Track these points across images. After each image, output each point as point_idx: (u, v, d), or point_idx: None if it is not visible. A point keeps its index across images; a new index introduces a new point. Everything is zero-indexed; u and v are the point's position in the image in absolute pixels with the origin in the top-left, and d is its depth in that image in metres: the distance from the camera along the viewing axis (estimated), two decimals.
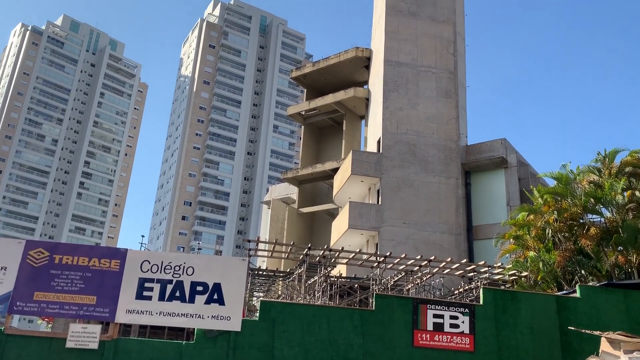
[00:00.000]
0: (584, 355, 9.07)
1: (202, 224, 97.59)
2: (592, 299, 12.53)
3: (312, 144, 39.21)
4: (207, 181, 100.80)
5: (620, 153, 18.99)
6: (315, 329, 11.21)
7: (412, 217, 27.10)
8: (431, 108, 29.61)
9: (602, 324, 11.58)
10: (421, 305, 11.84)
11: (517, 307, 12.14)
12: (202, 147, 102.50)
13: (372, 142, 31.07)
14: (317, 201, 37.42)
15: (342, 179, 29.96)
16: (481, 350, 11.60)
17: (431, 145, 28.82)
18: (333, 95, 35.27)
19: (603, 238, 16.69)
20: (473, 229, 28.23)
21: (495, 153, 28.62)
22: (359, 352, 11.19)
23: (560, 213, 17.69)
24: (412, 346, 11.42)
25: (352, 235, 27.34)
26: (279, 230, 36.76)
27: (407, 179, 27.85)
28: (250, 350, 10.89)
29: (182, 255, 13.95)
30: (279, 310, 11.39)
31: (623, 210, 17.04)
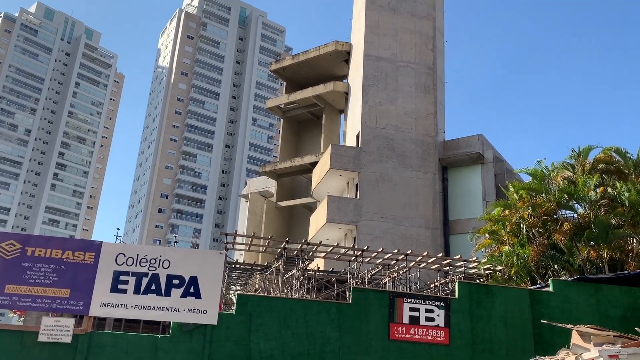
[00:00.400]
0: (555, 347, 9.26)
1: (179, 217, 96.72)
2: (564, 293, 12.78)
3: (291, 138, 39.11)
4: (185, 174, 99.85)
5: (594, 150, 19.38)
6: (292, 323, 11.22)
7: (389, 212, 27.28)
8: (410, 103, 29.78)
9: (574, 318, 11.84)
10: (397, 298, 11.93)
11: (492, 301, 12.32)
12: (179, 139, 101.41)
13: (351, 136, 31.13)
14: (296, 195, 37.38)
15: (320, 173, 29.97)
16: (456, 343, 11.76)
17: (409, 140, 29.01)
18: (312, 88, 35.20)
19: (576, 233, 17.03)
20: (449, 224, 28.56)
21: (472, 149, 28.94)
22: (336, 345, 11.24)
23: (534, 208, 17.99)
24: (388, 339, 11.51)
25: (330, 229, 27.41)
26: (256, 223, 36.65)
27: (385, 174, 27.99)
28: (226, 343, 10.85)
29: (158, 248, 13.81)
30: (255, 303, 11.36)
31: (595, 206, 17.40)
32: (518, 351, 11.79)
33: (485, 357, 11.82)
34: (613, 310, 12.77)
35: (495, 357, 11.86)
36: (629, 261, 16.18)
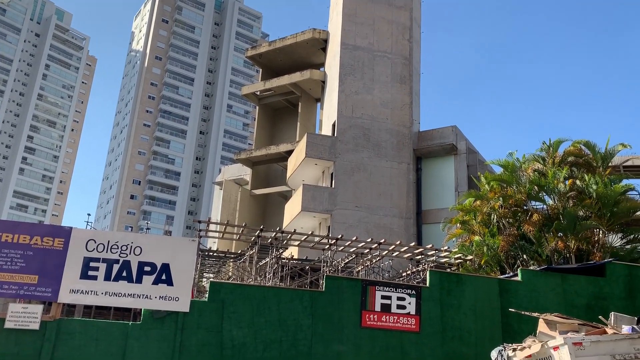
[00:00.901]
0: (522, 335, 9.48)
1: (152, 204, 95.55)
2: (532, 283, 13.08)
3: (267, 125, 38.89)
4: (158, 160, 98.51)
5: (564, 143, 19.80)
6: (265, 310, 11.23)
7: (364, 201, 27.44)
8: (386, 93, 29.89)
9: (541, 307, 12.13)
10: (370, 286, 12.05)
11: (462, 290, 12.54)
12: (152, 125, 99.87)
13: (327, 125, 31.12)
14: (271, 183, 37.27)
15: (296, 161, 29.93)
16: (426, 330, 11.95)
17: (385, 130, 29.15)
18: (289, 76, 35.00)
19: (544, 224, 17.42)
20: (422, 213, 28.90)
21: (445, 140, 29.25)
22: (308, 332, 11.31)
23: (505, 199, 18.32)
24: (360, 326, 11.63)
25: (305, 217, 27.46)
26: (230, 211, 36.45)
27: (360, 163, 28.12)
28: (198, 331, 10.82)
29: (129, 235, 13.63)
30: (228, 291, 11.34)
31: (564, 198, 17.81)
32: (486, 339, 12.04)
33: (455, 345, 12.05)
34: (578, 299, 13.13)
35: (464, 344, 12.10)
36: (595, 252, 16.64)
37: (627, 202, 17.53)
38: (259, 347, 10.95)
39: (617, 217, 17.07)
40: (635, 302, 13.37)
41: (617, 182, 17.79)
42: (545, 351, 7.73)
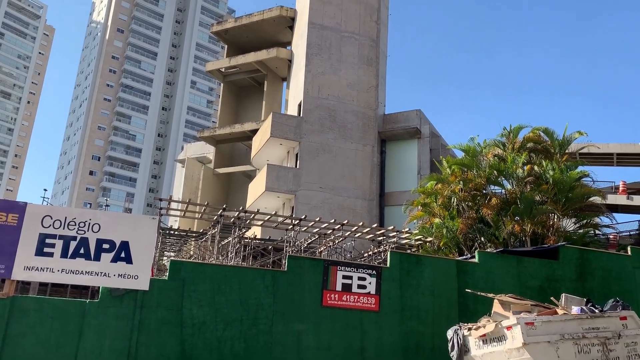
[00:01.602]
0: (478, 315, 9.77)
1: (112, 180, 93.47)
2: (488, 264, 13.44)
3: (232, 103, 38.38)
4: (118, 135, 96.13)
5: (524, 129, 20.28)
6: (227, 289, 11.20)
7: (328, 182, 27.55)
8: (352, 75, 29.87)
9: (496, 288, 12.49)
10: (332, 266, 12.15)
11: (421, 270, 12.79)
12: (113, 99, 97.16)
13: (292, 105, 30.94)
14: (234, 162, 36.95)
15: (261, 140, 29.71)
16: (385, 310, 12.16)
17: (350, 112, 29.20)
18: (255, 54, 34.53)
19: (502, 208, 17.89)
20: (385, 196, 29.25)
21: (410, 123, 29.55)
22: (269, 311, 11.35)
23: (465, 183, 18.69)
24: (321, 306, 11.74)
25: (269, 197, 27.39)
26: (193, 190, 36.03)
27: (325, 144, 28.14)
28: (158, 309, 10.71)
29: (87, 212, 13.33)
30: (189, 270, 11.24)
31: (522, 183, 18.30)
32: (443, 318, 12.35)
33: (413, 324, 12.32)
34: (532, 281, 13.58)
35: (422, 323, 12.39)
36: (550, 236, 17.21)
37: (582, 188, 18.15)
38: (220, 325, 10.94)
39: (571, 202, 17.66)
40: (585, 285, 13.94)
41: (573, 168, 18.36)
42: (499, 330, 7.99)
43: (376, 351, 11.88)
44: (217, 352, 10.79)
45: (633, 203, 32.14)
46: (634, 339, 8.12)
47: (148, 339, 10.48)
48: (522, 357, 7.60)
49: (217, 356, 10.77)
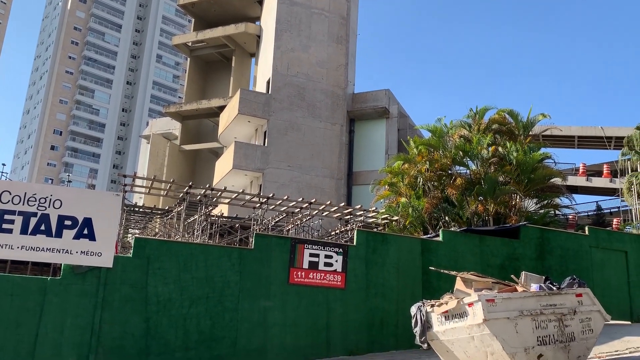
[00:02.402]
0: (440, 292, 9.99)
1: (74, 156, 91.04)
2: (452, 243, 13.75)
3: (199, 79, 37.67)
4: (81, 110, 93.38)
5: (490, 111, 20.63)
6: (192, 267, 11.14)
7: (296, 161, 27.49)
8: (322, 53, 29.66)
9: (459, 265, 12.81)
10: (299, 245, 12.21)
11: (386, 248, 12.99)
12: (75, 72, 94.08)
13: (261, 82, 30.58)
14: (201, 139, 36.44)
15: (228, 117, 29.34)
16: (351, 287, 12.34)
17: (320, 90, 29.06)
18: (223, 28, 33.85)
19: (467, 188, 18.25)
20: (353, 175, 29.41)
21: (378, 103, 29.63)
22: (235, 289, 11.36)
23: (431, 163, 18.95)
24: (288, 283, 11.82)
25: (236, 175, 27.18)
26: (158, 166, 35.44)
27: (294, 123, 27.99)
28: (122, 286, 10.58)
29: (48, 187, 12.91)
30: (154, 247, 11.12)
31: (486, 164, 18.67)
32: (408, 295, 12.61)
33: (378, 300, 12.55)
34: (494, 259, 13.96)
35: (387, 300, 12.62)
36: (511, 215, 17.67)
37: (544, 170, 18.64)
38: (185, 302, 10.90)
39: (533, 183, 18.14)
40: (544, 263, 14.42)
41: (535, 150, 18.82)
42: (460, 307, 8.19)
43: (341, 327, 12.07)
44: (182, 329, 10.77)
45: (592, 185, 33.26)
46: (588, 314, 8.46)
47: (112, 317, 10.37)
48: (483, 332, 7.83)
49: (183, 333, 10.76)
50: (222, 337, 11.03)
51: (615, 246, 15.59)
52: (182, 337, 10.74)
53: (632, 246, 15.80)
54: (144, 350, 10.41)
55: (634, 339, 11.51)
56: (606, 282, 14.92)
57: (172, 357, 10.58)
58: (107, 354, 10.16)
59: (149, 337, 10.50)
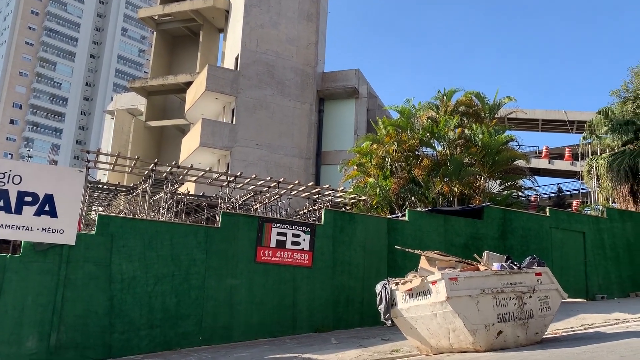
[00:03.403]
0: (405, 270, 10.16)
1: (35, 130, 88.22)
2: (417, 223, 13.96)
3: (165, 54, 36.79)
4: (42, 83, 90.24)
5: (457, 93, 20.85)
6: (158, 245, 11.02)
7: (265, 139, 27.29)
8: (292, 30, 29.31)
9: (424, 244, 13.04)
10: (266, 223, 12.20)
11: (353, 228, 13.11)
12: (36, 44, 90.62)
13: (229, 58, 30.08)
14: (167, 115, 35.76)
15: (195, 94, 28.82)
16: (318, 265, 12.44)
17: (289, 68, 28.79)
18: (191, 2, 33.05)
19: (433, 169, 18.49)
20: (322, 154, 29.42)
21: (348, 83, 29.57)
22: (202, 267, 11.31)
23: (399, 144, 19.11)
24: (255, 261, 11.83)
25: (203, 153, 26.83)
26: (123, 142, 34.68)
27: (263, 101, 27.71)
28: (85, 264, 10.40)
29: (7, 162, 12.52)
30: (118, 225, 10.93)
31: (453, 146, 18.93)
32: (373, 273, 12.79)
33: (344, 278, 12.70)
34: (457, 238, 14.26)
35: (353, 278, 12.79)
36: (476, 196, 18.03)
37: (508, 152, 19.02)
38: (150, 280, 10.80)
39: (498, 165, 18.50)
40: (506, 243, 14.81)
41: (501, 132, 19.16)
42: (424, 285, 8.35)
43: (308, 305, 12.19)
44: (147, 307, 10.69)
45: (554, 167, 34.18)
46: (546, 293, 8.75)
47: (74, 295, 10.20)
48: (445, 310, 8.01)
49: (148, 311, 10.68)
50: (187, 315, 11.00)
51: (574, 227, 16.11)
52: (147, 315, 10.67)
53: (590, 227, 16.35)
54: (108, 329, 10.31)
55: (588, 316, 11.98)
56: (564, 262, 15.44)
57: (137, 335, 10.51)
58: (69, 332, 10.02)
59: (112, 315, 10.39)
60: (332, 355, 9.24)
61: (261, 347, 10.55)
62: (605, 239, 16.47)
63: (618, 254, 16.60)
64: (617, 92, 21.09)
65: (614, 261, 16.47)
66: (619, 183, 21.76)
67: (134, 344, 10.45)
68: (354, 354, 9.21)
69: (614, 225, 16.80)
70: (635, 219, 17.45)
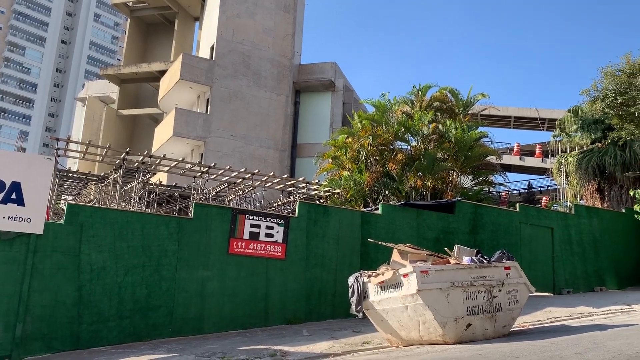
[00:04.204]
0: (378, 263, 10.24)
1: (3, 117, 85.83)
2: (391, 216, 14.07)
3: (139, 41, 36.14)
4: (10, 67, 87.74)
5: (432, 88, 21.01)
6: (128, 235, 10.86)
7: (240, 130, 27.10)
8: (269, 20, 29.09)
9: (397, 238, 13.15)
10: (240, 215, 12.13)
11: (327, 220, 13.14)
12: (4, 27, 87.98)
13: (205, 47, 29.72)
14: (140, 104, 35.19)
15: (169, 82, 28.41)
16: (291, 257, 12.44)
17: (266, 59, 28.59)
18: None
19: (407, 163, 18.65)
20: (297, 147, 29.37)
21: (325, 75, 29.52)
22: (173, 258, 11.20)
23: (374, 138, 19.19)
24: (227, 253, 11.76)
25: (177, 143, 26.50)
26: (94, 131, 34.04)
27: (238, 91, 27.48)
28: (53, 254, 10.19)
29: None
30: (88, 214, 10.73)
31: (427, 140, 19.10)
32: (346, 265, 12.86)
33: (317, 271, 12.73)
34: (429, 232, 14.43)
35: (325, 270, 12.83)
36: (448, 191, 18.25)
37: (480, 148, 19.28)
38: (120, 271, 10.64)
39: (470, 160, 18.75)
40: (477, 237, 15.05)
41: (473, 128, 19.39)
42: (396, 278, 8.44)
43: (280, 297, 12.19)
44: (117, 297, 10.54)
45: (525, 164, 34.83)
46: (514, 286, 8.93)
47: (41, 285, 9.99)
48: (416, 302, 8.11)
49: (117, 302, 10.53)
50: (158, 306, 10.89)
51: (543, 223, 16.46)
52: (117, 306, 10.52)
53: (558, 223, 16.74)
54: (76, 319, 10.13)
55: (555, 309, 12.28)
56: (533, 256, 15.78)
57: (106, 326, 10.37)
58: (36, 323, 9.82)
59: (81, 306, 10.22)
60: (303, 347, 9.26)
61: (232, 339, 10.52)
62: (573, 235, 16.88)
63: (584, 249, 17.04)
64: (587, 91, 21.55)
65: (581, 257, 16.91)
66: (586, 180, 22.32)
67: (103, 335, 10.30)
68: (325, 346, 9.26)
69: (581, 221, 17.23)
70: (602, 216, 17.94)
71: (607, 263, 17.39)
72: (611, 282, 17.25)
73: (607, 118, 22.01)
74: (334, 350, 8.92)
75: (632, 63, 20.64)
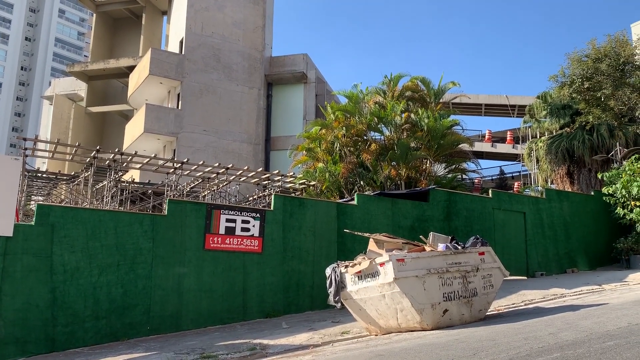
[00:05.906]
0: (355, 254, 10.28)
1: None
2: (366, 206, 14.14)
3: (106, 37, 35.41)
4: None
5: (404, 78, 21.13)
6: (101, 234, 10.68)
7: (212, 125, 26.84)
8: (238, 13, 28.81)
9: (372, 227, 13.23)
10: (215, 210, 12.03)
11: (303, 213, 13.13)
12: None
13: (174, 41, 29.29)
14: (109, 101, 34.54)
15: (138, 78, 27.94)
16: (268, 251, 12.41)
17: (236, 52, 28.33)
18: None
19: (381, 153, 18.74)
20: (271, 140, 29.25)
21: (297, 68, 29.42)
22: (148, 256, 11.06)
23: (348, 129, 19.23)
24: (203, 249, 11.67)
25: (148, 139, 26.13)
26: (63, 129, 33.31)
27: (209, 85, 27.19)
28: (24, 256, 9.96)
29: None
30: (59, 214, 10.50)
31: (399, 130, 19.22)
32: (323, 257, 12.89)
33: (294, 263, 12.73)
34: (404, 221, 14.55)
35: (303, 262, 12.84)
36: (422, 179, 18.42)
37: (452, 136, 19.49)
38: (94, 271, 10.47)
39: (443, 148, 18.95)
40: (451, 224, 15.24)
41: (446, 117, 19.59)
42: (373, 267, 8.49)
43: (258, 290, 12.16)
44: (92, 298, 10.37)
45: (496, 150, 35.35)
46: (489, 271, 9.08)
47: (13, 288, 9.76)
48: (393, 290, 8.18)
49: (93, 302, 10.37)
50: (134, 305, 10.76)
51: (515, 208, 16.75)
52: (92, 307, 10.35)
53: (530, 208, 17.06)
54: (50, 322, 9.94)
55: (528, 292, 12.54)
56: (506, 241, 16.06)
57: (81, 327, 10.20)
58: (9, 327, 9.60)
59: (55, 308, 10.02)
60: (282, 340, 9.27)
61: (211, 335, 10.47)
62: (544, 219, 17.23)
63: (556, 232, 17.42)
64: (554, 77, 21.93)
65: (552, 240, 17.27)
66: (556, 165, 22.77)
67: (79, 337, 10.14)
68: (305, 337, 9.28)
69: (552, 205, 17.59)
70: (572, 199, 18.34)
71: (578, 245, 17.81)
72: (582, 263, 17.69)
73: (575, 103, 22.45)
74: (313, 342, 8.95)
75: (597, 48, 21.07)
